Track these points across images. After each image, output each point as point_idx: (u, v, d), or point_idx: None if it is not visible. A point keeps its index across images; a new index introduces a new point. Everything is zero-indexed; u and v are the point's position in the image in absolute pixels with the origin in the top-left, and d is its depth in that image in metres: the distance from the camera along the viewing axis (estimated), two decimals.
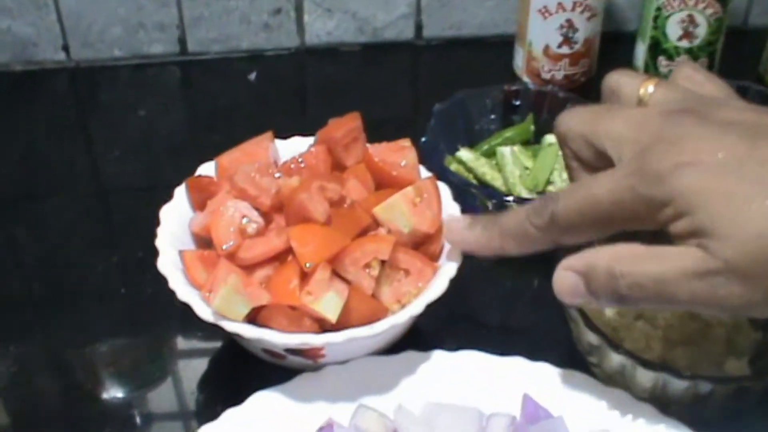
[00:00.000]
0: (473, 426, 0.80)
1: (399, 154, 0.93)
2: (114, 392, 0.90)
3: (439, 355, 0.87)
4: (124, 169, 1.14)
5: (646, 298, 0.68)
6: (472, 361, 0.87)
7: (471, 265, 0.89)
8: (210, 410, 0.84)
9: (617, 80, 0.78)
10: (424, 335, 0.92)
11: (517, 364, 0.87)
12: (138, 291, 0.98)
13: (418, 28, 1.32)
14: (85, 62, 1.31)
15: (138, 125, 1.22)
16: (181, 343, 0.95)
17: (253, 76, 1.29)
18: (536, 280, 0.97)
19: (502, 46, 1.28)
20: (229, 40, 1.30)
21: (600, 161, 0.74)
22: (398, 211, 0.87)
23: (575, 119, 0.77)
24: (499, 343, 0.89)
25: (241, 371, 0.90)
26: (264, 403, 0.83)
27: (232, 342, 0.90)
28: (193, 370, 0.92)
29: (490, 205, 0.98)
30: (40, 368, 0.92)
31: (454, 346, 0.88)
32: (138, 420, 0.88)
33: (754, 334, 0.90)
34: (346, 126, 0.93)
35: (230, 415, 0.82)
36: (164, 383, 0.91)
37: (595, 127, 0.74)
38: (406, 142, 0.93)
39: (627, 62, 1.25)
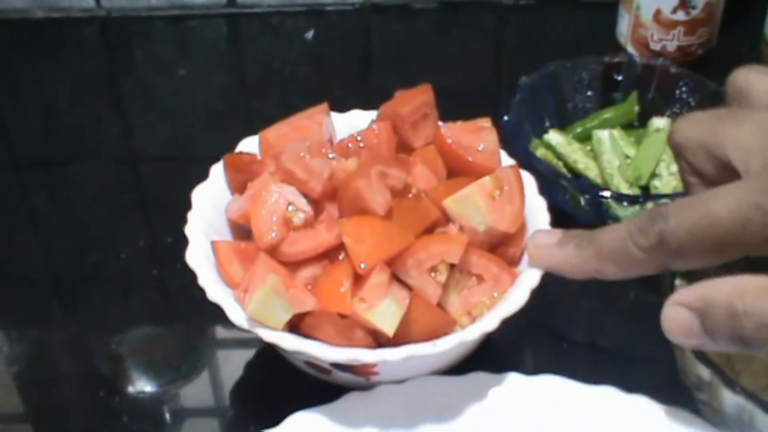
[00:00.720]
0: None
1: (476, 137, 0.89)
2: (132, 404, 0.88)
3: (513, 379, 0.84)
4: (158, 137, 1.12)
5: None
6: (553, 389, 0.83)
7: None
8: (242, 431, 0.82)
9: (746, 78, 0.73)
10: (496, 354, 0.89)
11: (607, 395, 0.82)
12: (164, 282, 0.97)
13: None
14: (118, 11, 1.30)
15: (176, 87, 1.21)
16: (211, 346, 0.93)
17: (310, 34, 1.26)
18: (633, 291, 0.92)
19: (604, 9, 1.24)
20: None
21: (723, 176, 0.69)
22: (473, 205, 0.84)
23: (693, 125, 0.72)
24: (587, 368, 0.86)
25: (279, 385, 0.88)
26: (304, 425, 0.80)
27: (271, 349, 0.86)
28: (224, 380, 0.90)
29: (582, 200, 0.94)
30: (57, 353, 0.91)
31: (531, 368, 0.85)
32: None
33: None
34: (415, 100, 0.90)
35: None
36: (191, 392, 0.89)
37: (718, 134, 0.69)
38: (485, 122, 0.89)
39: (756, 34, 1.20)
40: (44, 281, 0.98)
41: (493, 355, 0.88)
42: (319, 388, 0.84)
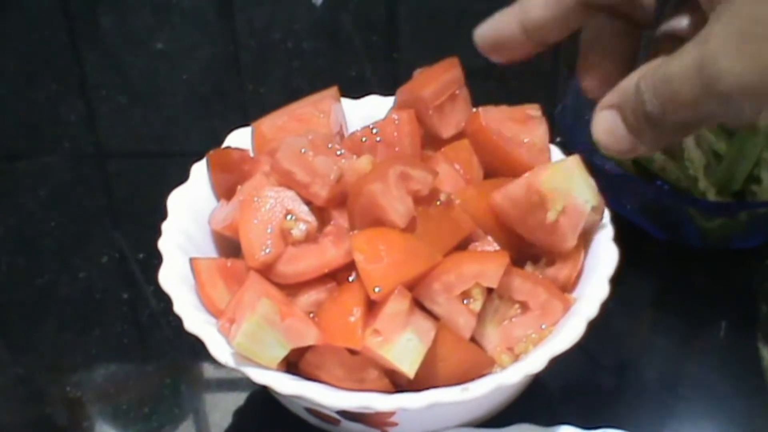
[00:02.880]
0: None
1: (523, 126, 0.91)
2: None
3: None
4: (129, 127, 1.14)
5: (666, 110, 0.69)
6: None
7: (621, 300, 0.86)
8: None
9: None
10: (546, 402, 0.91)
11: None
12: (134, 309, 0.98)
13: None
14: None
15: (153, 63, 1.23)
16: (192, 389, 0.94)
17: (319, 0, 1.26)
18: (721, 323, 0.93)
19: None
20: None
21: None
22: (579, 178, 0.86)
23: None
24: (655, 419, 0.88)
25: None
26: None
27: (266, 393, 0.89)
28: (208, 428, 0.92)
29: (657, 209, 0.95)
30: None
31: (589, 420, 0.85)
32: None
33: None
34: (440, 79, 0.91)
35: None
36: None
37: None
38: (534, 110, 0.92)
39: None
40: None
41: (541, 404, 0.90)
42: None
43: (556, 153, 0.91)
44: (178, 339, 0.82)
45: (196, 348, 0.80)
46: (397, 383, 0.80)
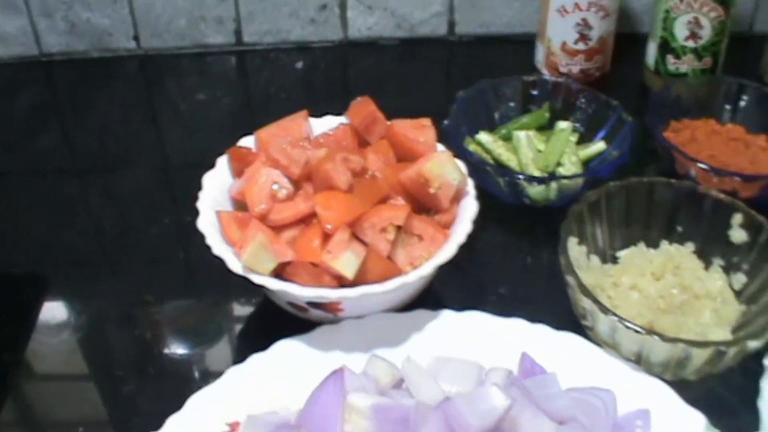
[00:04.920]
0: (473, 378, 0.80)
1: (419, 131, 0.93)
2: (170, 343, 0.91)
3: (446, 314, 0.87)
4: (184, 146, 1.15)
5: None
6: (476, 321, 0.87)
7: (486, 237, 0.93)
8: (240, 354, 0.84)
9: None
10: (436, 296, 0.92)
11: (517, 325, 0.86)
12: (186, 252, 1.00)
13: (451, 25, 1.32)
14: (153, 50, 1.32)
15: (197, 107, 1.23)
16: (222, 298, 0.96)
17: (300, 64, 1.29)
18: (545, 254, 0.95)
19: (526, 43, 1.27)
20: (279, 32, 1.30)
21: None
22: (450, 165, 0.88)
23: None
24: (504, 307, 0.89)
25: (268, 322, 0.91)
26: (286, 350, 0.84)
27: (265, 299, 0.91)
28: (230, 322, 0.93)
29: (502, 181, 0.97)
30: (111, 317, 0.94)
31: (462, 307, 0.88)
32: (179, 358, 0.89)
33: (738, 306, 0.88)
34: (363, 112, 0.93)
35: (256, 359, 0.83)
36: (207, 332, 0.92)
37: None
38: (426, 121, 0.93)
39: (639, 60, 1.24)
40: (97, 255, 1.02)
41: (433, 298, 0.91)
42: (298, 323, 0.87)
43: (440, 148, 0.92)
44: (214, 268, 0.83)
45: (225, 275, 0.83)
46: (343, 284, 0.82)
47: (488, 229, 0.98)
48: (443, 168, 0.87)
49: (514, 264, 0.99)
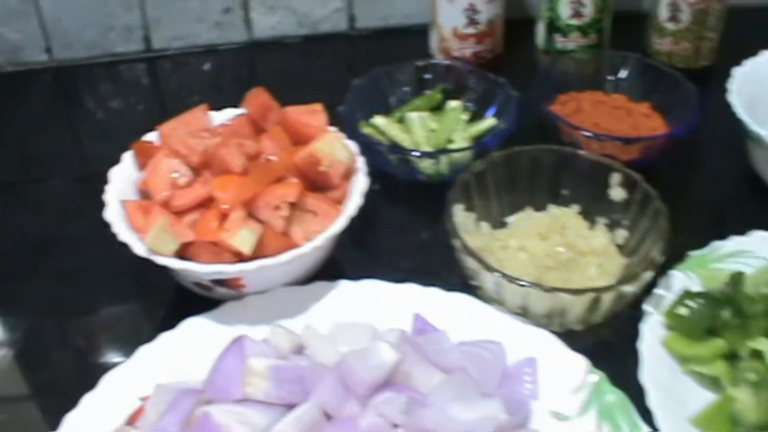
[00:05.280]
0: (368, 340, 0.84)
1: (311, 116, 0.98)
2: (85, 328, 0.96)
3: (344, 284, 0.93)
4: (101, 152, 1.11)
5: None
6: (372, 288, 0.92)
7: (384, 214, 1.01)
8: (151, 335, 0.88)
9: None
10: (336, 269, 0.97)
11: (411, 289, 0.92)
12: (106, 249, 0.99)
13: (351, 20, 1.37)
14: (66, 62, 1.35)
15: (112, 115, 1.27)
16: (135, 286, 1.00)
17: (208, 66, 1.33)
18: (439, 226, 0.96)
19: (425, 33, 1.32)
20: (187, 37, 1.34)
21: None
22: (338, 144, 0.94)
23: None
24: (400, 275, 0.94)
25: (177, 302, 0.96)
26: (193, 327, 0.89)
27: (175, 283, 0.96)
28: (141, 306, 0.98)
29: (394, 159, 1.04)
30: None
31: (357, 276, 0.94)
32: (96, 339, 0.94)
33: (621, 259, 0.95)
34: (257, 101, 0.99)
35: (165, 337, 0.88)
36: (119, 316, 0.97)
37: None
38: (317, 106, 0.99)
39: (530, 41, 1.30)
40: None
41: (331, 269, 0.97)
42: (206, 302, 0.92)
43: (332, 130, 0.98)
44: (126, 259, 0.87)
45: (138, 264, 0.88)
46: (244, 261, 0.87)
47: (386, 207, 1.05)
48: (332, 147, 0.92)
49: (410, 236, 1.04)
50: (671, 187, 1.08)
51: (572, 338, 0.89)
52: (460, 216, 0.93)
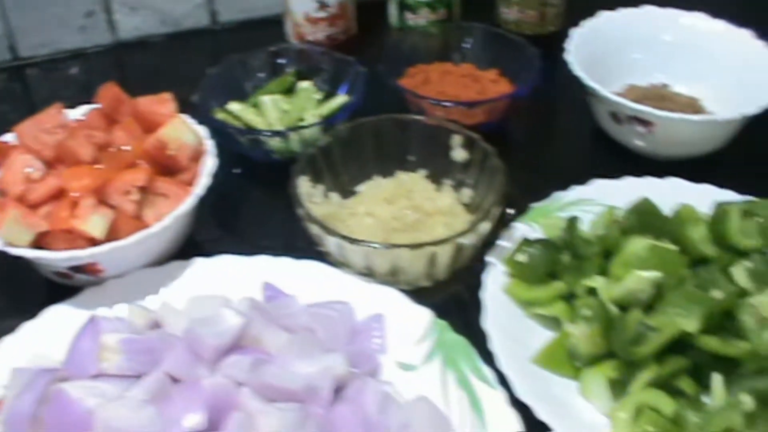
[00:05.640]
0: (219, 308, 0.88)
1: (161, 105, 1.02)
2: None
3: (199, 261, 0.97)
4: None
5: None
6: (226, 263, 0.97)
7: (243, 194, 1.06)
8: (12, 325, 0.91)
9: None
10: (197, 247, 1.02)
11: (263, 260, 0.97)
12: None
13: (213, 14, 1.41)
14: None
15: None
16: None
17: (75, 71, 1.36)
18: (285, 201, 1.00)
19: (278, 23, 1.36)
20: (53, 43, 1.37)
21: None
22: (184, 128, 0.98)
23: None
24: (256, 249, 0.99)
25: (40, 293, 0.98)
26: (55, 315, 0.92)
27: (37, 275, 0.99)
28: (1, 296, 1.01)
29: (246, 141, 1.08)
30: None
31: (212, 252, 0.98)
32: None
33: (467, 216, 1.00)
34: (108, 95, 1.03)
35: (27, 326, 0.91)
36: None
37: None
38: (167, 96, 1.03)
39: (383, 21, 1.35)
40: None
41: (192, 249, 1.01)
42: (68, 290, 0.95)
43: (186, 117, 1.02)
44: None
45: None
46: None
47: (246, 188, 1.10)
48: (178, 131, 0.97)
49: (267, 213, 1.09)
50: (520, 146, 1.15)
51: (422, 294, 0.94)
52: (306, 187, 0.98)
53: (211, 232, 1.03)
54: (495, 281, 0.94)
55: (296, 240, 1.00)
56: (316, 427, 0.76)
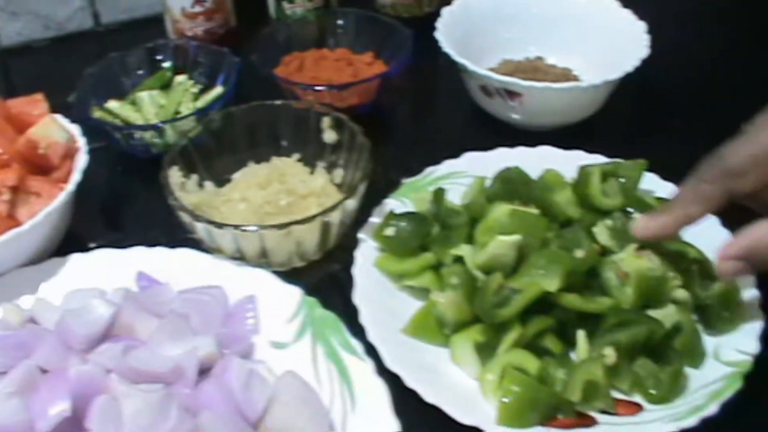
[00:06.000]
0: (92, 298, 0.90)
1: (33, 106, 1.04)
2: None
3: (76, 257, 0.98)
4: None
5: None
6: (102, 256, 0.98)
7: (125, 189, 1.09)
8: None
9: None
10: (79, 244, 1.03)
11: (136, 252, 0.98)
12: None
13: (96, 16, 1.42)
14: None
15: None
16: None
17: None
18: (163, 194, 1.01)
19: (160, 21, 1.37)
20: None
21: None
22: (54, 127, 0.99)
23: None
24: (134, 241, 1.00)
25: None
26: None
27: None
28: None
29: (119, 135, 1.10)
30: None
31: (96, 248, 1.00)
32: None
33: (340, 196, 1.02)
34: None
35: None
36: None
37: None
38: (38, 96, 1.05)
39: (264, 12, 1.37)
40: None
41: (68, 247, 1.01)
42: None
43: (58, 117, 1.04)
44: None
45: None
46: None
47: (128, 184, 1.13)
48: (48, 130, 0.98)
49: (147, 207, 1.10)
50: (397, 126, 1.18)
51: (299, 275, 0.97)
52: (177, 177, 0.99)
53: (93, 228, 1.04)
54: (366, 257, 0.96)
55: (174, 230, 1.01)
56: (180, 406, 0.78)
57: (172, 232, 1.02)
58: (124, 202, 1.10)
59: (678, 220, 0.84)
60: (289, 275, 0.96)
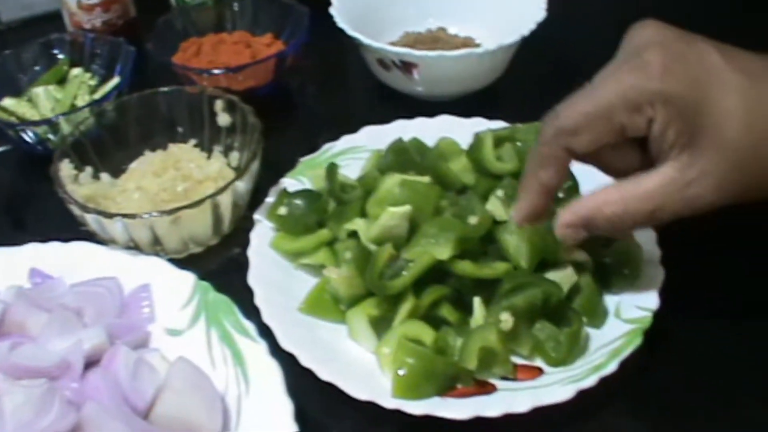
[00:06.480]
0: None
1: None
2: None
3: None
4: None
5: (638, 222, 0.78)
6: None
7: (23, 188, 1.09)
8: None
9: None
10: None
11: (28, 248, 0.97)
12: None
13: None
14: None
15: None
16: None
17: None
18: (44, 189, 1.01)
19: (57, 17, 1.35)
20: None
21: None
22: None
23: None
24: (29, 238, 0.98)
25: None
26: None
27: None
28: None
29: (11, 133, 1.09)
30: None
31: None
32: None
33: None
34: None
35: None
36: None
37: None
38: None
39: (164, 2, 1.36)
40: None
41: None
42: None
43: None
44: None
45: None
46: None
47: (28, 182, 1.13)
48: None
49: (46, 204, 1.07)
50: (297, 105, 1.18)
51: (197, 261, 0.97)
52: (68, 170, 0.99)
53: None
54: (261, 237, 0.96)
55: (70, 225, 1.00)
56: (64, 400, 0.77)
57: (69, 227, 1.00)
58: (25, 202, 1.10)
59: (538, 192, 0.82)
60: (187, 262, 0.95)
